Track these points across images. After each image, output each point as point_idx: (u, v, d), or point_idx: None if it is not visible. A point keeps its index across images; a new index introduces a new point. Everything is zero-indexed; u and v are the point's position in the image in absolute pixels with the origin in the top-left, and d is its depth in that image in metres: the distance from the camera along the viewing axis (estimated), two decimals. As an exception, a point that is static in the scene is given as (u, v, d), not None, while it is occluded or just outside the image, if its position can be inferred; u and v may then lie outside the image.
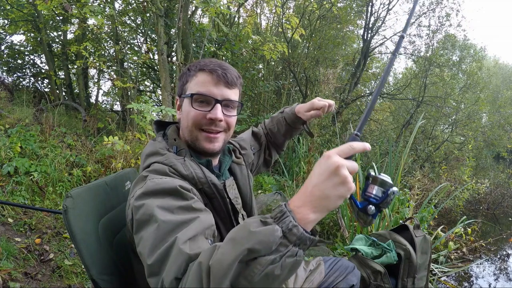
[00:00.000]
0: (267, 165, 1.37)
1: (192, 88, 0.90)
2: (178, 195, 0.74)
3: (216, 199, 0.86)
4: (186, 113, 0.90)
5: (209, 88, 0.88)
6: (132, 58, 6.11)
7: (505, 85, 16.96)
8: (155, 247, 0.65)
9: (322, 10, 6.86)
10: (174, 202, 0.72)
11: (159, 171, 0.81)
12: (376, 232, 1.92)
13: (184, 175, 0.82)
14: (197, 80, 0.89)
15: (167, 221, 0.67)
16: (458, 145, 7.26)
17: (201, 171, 0.85)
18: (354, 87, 7.33)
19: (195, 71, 0.90)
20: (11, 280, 1.91)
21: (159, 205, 0.70)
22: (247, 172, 1.07)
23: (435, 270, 2.66)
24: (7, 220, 2.50)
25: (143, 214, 0.70)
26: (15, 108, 4.61)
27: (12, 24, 6.32)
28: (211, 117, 0.87)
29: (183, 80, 0.94)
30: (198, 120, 0.88)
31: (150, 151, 0.89)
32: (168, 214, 0.69)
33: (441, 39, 7.41)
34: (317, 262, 1.25)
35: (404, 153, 3.11)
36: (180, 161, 0.85)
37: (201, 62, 0.92)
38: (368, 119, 4.63)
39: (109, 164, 3.34)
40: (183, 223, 0.68)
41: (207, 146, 0.90)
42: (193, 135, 0.90)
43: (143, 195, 0.73)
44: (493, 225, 4.50)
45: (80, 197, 0.91)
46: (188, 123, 0.89)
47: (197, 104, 0.88)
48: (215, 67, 0.88)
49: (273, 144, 1.34)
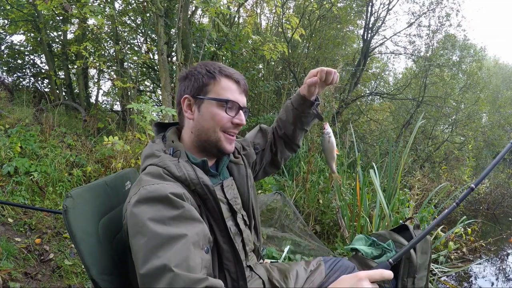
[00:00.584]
0: (276, 166, 1.30)
1: (219, 92, 0.94)
2: (169, 203, 0.77)
3: (208, 199, 0.87)
4: (210, 115, 0.93)
5: (236, 95, 0.95)
6: (132, 58, 6.11)
7: (505, 85, 16.96)
8: (146, 259, 0.70)
9: (322, 10, 6.86)
10: (165, 212, 0.75)
11: (153, 173, 0.84)
12: (376, 232, 1.92)
13: (177, 177, 0.85)
14: (223, 86, 0.94)
15: (157, 235, 0.71)
16: (458, 145, 7.25)
17: (194, 172, 0.87)
18: (354, 87, 7.33)
19: (218, 76, 0.94)
20: (11, 280, 1.91)
21: (150, 217, 0.74)
22: (245, 171, 1.07)
23: (435, 270, 2.66)
24: (7, 220, 2.50)
25: (135, 224, 0.74)
26: (15, 108, 4.61)
27: (12, 24, 6.32)
28: (238, 122, 0.95)
29: (199, 81, 0.94)
30: (224, 123, 0.94)
31: (148, 153, 0.93)
32: (159, 226, 0.73)
33: (441, 39, 7.41)
34: (317, 262, 1.25)
35: (404, 153, 3.11)
36: (174, 163, 0.87)
37: (222, 68, 0.96)
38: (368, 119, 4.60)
39: (109, 164, 3.34)
40: (173, 238, 0.72)
41: (228, 147, 0.96)
42: (216, 136, 0.94)
43: (136, 203, 0.77)
44: (493, 225, 4.50)
45: (80, 197, 0.91)
46: (213, 125, 0.93)
47: (225, 109, 0.93)
48: (239, 77, 0.97)
49: (283, 137, 1.24)
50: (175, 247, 0.70)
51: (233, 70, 0.98)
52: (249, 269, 1.06)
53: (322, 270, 1.21)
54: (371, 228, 2.78)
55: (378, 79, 8.72)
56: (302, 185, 3.56)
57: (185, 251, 0.71)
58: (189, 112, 0.96)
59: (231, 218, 0.99)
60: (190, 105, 0.96)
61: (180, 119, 1.01)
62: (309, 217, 3.16)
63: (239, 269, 0.91)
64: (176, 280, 0.67)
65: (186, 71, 0.99)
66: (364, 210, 2.86)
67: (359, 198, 2.79)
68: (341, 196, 3.06)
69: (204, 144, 0.95)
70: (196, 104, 0.95)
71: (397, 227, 1.85)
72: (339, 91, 6.46)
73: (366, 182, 3.22)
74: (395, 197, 2.94)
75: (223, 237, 0.89)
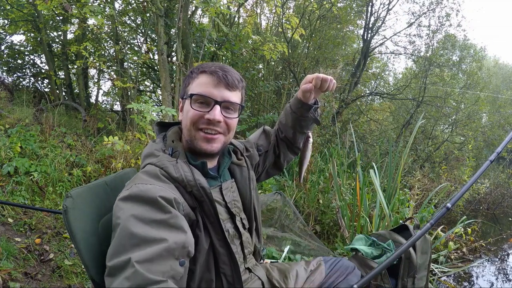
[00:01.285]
0: (278, 168, 1.29)
1: (193, 89, 0.92)
2: (156, 206, 0.75)
3: (205, 202, 0.86)
4: (186, 113, 0.93)
5: (209, 89, 0.90)
6: (132, 58, 6.11)
7: (505, 85, 16.97)
8: (116, 252, 0.70)
9: (322, 10, 6.86)
10: (150, 214, 0.74)
11: (149, 173, 0.84)
12: (376, 232, 1.92)
13: (174, 177, 0.84)
14: (198, 82, 0.92)
15: (134, 234, 0.70)
16: (458, 145, 7.25)
17: (191, 173, 0.86)
18: (354, 87, 7.33)
19: (197, 73, 0.94)
20: (11, 280, 1.91)
21: (134, 214, 0.73)
22: (248, 174, 1.06)
23: (435, 270, 2.66)
24: (7, 220, 2.50)
25: (119, 217, 0.74)
26: (15, 108, 4.61)
27: (12, 24, 6.32)
28: (209, 117, 0.89)
29: (185, 83, 0.97)
30: (196, 119, 0.90)
31: (147, 152, 0.93)
32: (139, 226, 0.71)
33: (441, 39, 7.41)
34: (317, 262, 1.24)
35: (404, 153, 3.10)
36: (172, 163, 0.86)
37: (203, 64, 0.95)
38: (368, 119, 4.61)
39: (109, 164, 3.34)
40: (149, 241, 0.70)
41: (204, 146, 0.91)
42: (191, 135, 0.92)
43: (125, 198, 0.77)
44: (493, 225, 4.50)
45: (80, 197, 0.91)
46: (187, 123, 0.92)
47: (196, 104, 0.91)
48: (216, 69, 0.91)
49: (284, 140, 1.23)
50: (148, 249, 0.69)
51: (217, 64, 0.93)
52: (247, 271, 1.05)
53: (322, 270, 1.20)
54: (371, 228, 2.78)
55: (378, 79, 8.72)
56: (302, 185, 3.56)
57: (155, 255, 0.69)
58: (180, 114, 0.99)
59: (229, 221, 0.98)
60: (182, 107, 0.98)
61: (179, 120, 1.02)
62: (309, 217, 3.16)
63: (235, 273, 0.90)
64: (134, 277, 0.65)
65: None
66: (364, 210, 2.86)
67: (359, 198, 2.79)
68: (341, 196, 3.06)
69: (189, 144, 0.94)
70: (183, 104, 0.97)
71: (397, 227, 1.85)
72: (339, 91, 6.45)
73: (366, 182, 3.22)
74: (395, 197, 2.94)
75: (219, 241, 0.88)
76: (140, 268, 0.65)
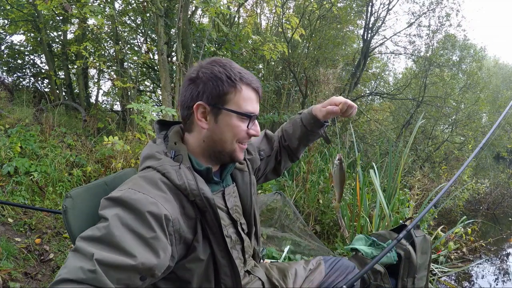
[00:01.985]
0: (277, 173, 1.29)
1: (239, 103, 0.87)
2: (141, 221, 0.72)
3: (208, 212, 0.83)
4: (229, 128, 0.87)
5: (254, 106, 0.90)
6: (132, 58, 6.11)
7: (505, 85, 16.97)
8: (89, 238, 0.69)
9: (322, 10, 6.86)
10: (134, 224, 0.71)
11: (147, 178, 0.79)
12: (376, 232, 1.92)
13: (177, 185, 0.80)
14: (244, 96, 0.87)
15: (111, 234, 0.68)
16: (458, 145, 7.25)
17: (195, 182, 0.82)
18: (354, 87, 7.34)
19: (239, 84, 0.86)
20: (11, 280, 1.91)
21: (119, 215, 0.71)
22: (249, 178, 1.04)
23: (435, 270, 2.66)
24: (7, 220, 2.50)
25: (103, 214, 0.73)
26: (15, 108, 4.61)
27: (12, 24, 6.32)
28: (253, 134, 0.91)
29: (218, 89, 0.85)
30: (242, 135, 0.89)
31: (147, 153, 0.88)
32: (119, 229, 0.69)
33: (441, 39, 7.41)
34: (317, 261, 1.24)
35: (404, 153, 3.10)
36: (175, 168, 0.82)
37: (244, 75, 0.88)
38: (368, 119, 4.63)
39: (109, 164, 3.34)
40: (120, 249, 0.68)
41: (241, 156, 0.93)
42: (233, 148, 0.90)
43: (115, 200, 0.74)
44: (493, 225, 4.50)
45: (80, 197, 0.91)
46: (229, 137, 0.88)
47: (242, 120, 0.88)
48: (256, 84, 0.90)
49: (286, 148, 1.23)
50: (115, 256, 0.66)
51: (251, 75, 0.90)
52: (247, 274, 1.04)
53: (322, 270, 1.20)
54: (371, 228, 2.78)
55: (378, 79, 8.72)
56: (302, 185, 3.56)
57: (118, 264, 0.66)
58: (203, 121, 0.87)
59: (231, 226, 0.96)
60: (205, 114, 0.87)
61: (187, 123, 0.91)
62: (309, 217, 3.16)
63: (237, 284, 0.89)
64: (90, 273, 0.63)
65: (199, 70, 0.87)
66: (364, 210, 2.86)
67: (359, 198, 2.79)
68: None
69: (216, 153, 0.90)
70: (213, 113, 0.86)
71: (397, 227, 1.85)
72: (339, 91, 6.45)
73: (366, 182, 3.22)
74: (395, 197, 2.94)
75: (221, 251, 0.86)
76: (98, 267, 0.64)
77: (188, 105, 0.88)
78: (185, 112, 0.90)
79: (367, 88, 8.84)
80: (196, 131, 0.90)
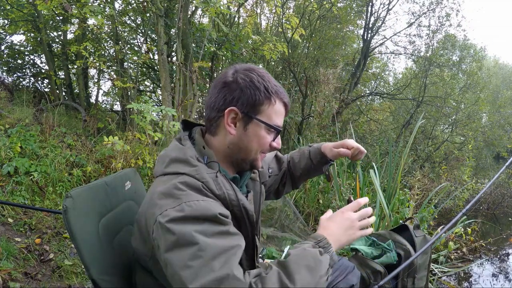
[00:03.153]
0: (278, 195, 1.30)
1: (270, 116, 0.87)
2: (216, 222, 0.73)
3: (244, 222, 0.84)
4: (257, 138, 0.87)
5: (282, 120, 0.92)
6: (132, 58, 6.11)
7: (505, 85, 16.96)
8: (199, 273, 0.66)
9: (322, 10, 6.86)
10: (212, 228, 0.72)
11: (192, 186, 0.77)
12: (376, 232, 1.92)
13: (217, 195, 0.79)
14: (276, 110, 0.88)
15: (211, 246, 0.68)
16: (458, 145, 7.25)
17: (234, 192, 0.82)
18: (354, 87, 7.34)
19: (274, 98, 0.87)
20: (11, 280, 1.91)
21: (197, 230, 0.70)
22: (260, 188, 1.05)
23: (435, 270, 2.66)
24: (7, 220, 2.49)
25: (180, 237, 0.69)
26: (15, 108, 4.60)
27: (12, 24, 6.31)
28: (276, 147, 0.92)
29: (254, 98, 0.84)
30: (266, 146, 0.90)
31: (178, 157, 0.84)
32: (208, 239, 0.69)
33: (441, 39, 7.41)
34: (317, 262, 1.24)
35: (404, 153, 3.11)
36: (212, 177, 0.81)
37: (280, 89, 0.89)
38: (368, 119, 4.64)
39: (109, 164, 3.34)
40: (226, 249, 0.70)
41: (260, 165, 0.94)
42: (254, 157, 0.90)
43: (179, 220, 0.71)
44: (493, 225, 4.50)
45: (80, 197, 0.91)
46: (254, 147, 0.88)
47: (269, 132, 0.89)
48: (288, 99, 0.92)
49: (291, 175, 1.25)
50: (233, 258, 0.69)
51: (284, 90, 0.91)
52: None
53: (322, 270, 1.20)
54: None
55: (378, 79, 8.72)
56: (302, 185, 3.56)
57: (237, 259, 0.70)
58: (232, 127, 0.86)
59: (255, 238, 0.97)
60: (235, 120, 0.86)
61: (212, 125, 0.89)
62: (309, 217, 3.16)
63: None
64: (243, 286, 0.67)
65: (236, 75, 0.86)
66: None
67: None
68: (341, 196, 3.06)
69: (238, 160, 0.90)
70: (243, 121, 0.86)
71: (397, 227, 1.85)
72: (339, 91, 6.45)
73: (366, 182, 3.23)
74: (395, 197, 2.94)
75: (247, 261, 0.87)
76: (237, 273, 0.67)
77: (219, 108, 0.86)
78: (213, 114, 0.87)
79: (367, 88, 8.84)
80: (221, 135, 0.88)
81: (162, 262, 0.73)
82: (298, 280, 0.69)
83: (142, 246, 0.82)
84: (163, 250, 0.71)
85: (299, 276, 0.70)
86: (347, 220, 0.86)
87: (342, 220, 0.86)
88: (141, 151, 3.19)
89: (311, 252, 0.76)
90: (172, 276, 0.70)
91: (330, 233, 0.83)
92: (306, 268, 0.72)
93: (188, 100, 4.20)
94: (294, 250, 0.78)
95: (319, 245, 0.78)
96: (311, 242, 0.80)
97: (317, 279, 0.72)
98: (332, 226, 0.85)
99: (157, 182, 0.83)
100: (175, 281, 0.69)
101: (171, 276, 0.70)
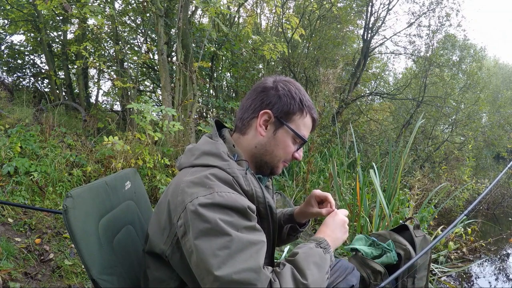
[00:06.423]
0: None
1: (300, 127, 0.93)
2: (245, 215, 0.77)
3: (267, 220, 0.88)
4: (283, 144, 0.92)
5: (308, 134, 0.97)
6: (132, 58, 6.11)
7: (505, 85, 16.97)
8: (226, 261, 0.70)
9: (322, 10, 6.86)
10: (241, 221, 0.75)
11: (224, 180, 0.80)
12: (376, 232, 1.92)
13: (245, 190, 0.83)
14: (306, 123, 0.94)
15: (240, 238, 0.72)
16: (458, 145, 7.25)
17: (261, 190, 0.86)
18: (354, 87, 7.33)
19: (307, 111, 0.94)
20: (11, 280, 1.91)
21: (227, 221, 0.73)
22: (272, 195, 1.08)
23: (435, 270, 2.66)
24: (7, 220, 2.49)
25: (211, 225, 0.72)
26: (15, 108, 4.60)
27: (12, 24, 6.32)
28: (297, 157, 0.96)
29: (289, 106, 0.90)
30: (289, 156, 0.94)
31: (210, 150, 0.87)
32: (238, 232, 0.73)
33: (441, 39, 7.41)
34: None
35: (404, 153, 3.11)
36: (242, 173, 0.84)
37: (311, 105, 0.95)
38: (368, 119, 4.64)
39: (109, 164, 3.34)
40: (254, 243, 0.74)
41: (279, 173, 1.00)
42: (278, 164, 0.95)
43: (210, 206, 0.74)
44: (493, 225, 4.50)
45: (80, 197, 0.91)
46: (279, 153, 0.93)
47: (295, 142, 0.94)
48: (317, 116, 0.98)
49: None
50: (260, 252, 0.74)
51: (314, 107, 0.98)
52: None
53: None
54: (371, 228, 2.78)
55: (378, 79, 8.72)
56: (302, 185, 3.56)
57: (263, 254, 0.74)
58: (263, 128, 0.91)
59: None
60: (267, 123, 0.91)
61: (244, 125, 0.94)
62: (309, 217, 3.15)
63: None
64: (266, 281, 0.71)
65: (276, 83, 0.92)
66: (364, 210, 2.86)
67: (359, 198, 2.79)
68: (341, 196, 3.06)
69: (262, 163, 0.93)
70: (274, 125, 0.91)
71: (397, 227, 1.85)
72: (339, 91, 6.46)
73: (366, 182, 3.23)
74: (395, 197, 2.94)
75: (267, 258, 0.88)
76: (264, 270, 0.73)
77: (255, 109, 0.92)
78: (248, 114, 0.93)
79: (367, 88, 8.83)
80: (250, 135, 0.93)
81: (187, 249, 0.75)
82: (309, 275, 0.76)
83: (160, 234, 0.83)
84: (192, 236, 0.73)
85: (310, 272, 0.77)
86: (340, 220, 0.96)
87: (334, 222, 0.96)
88: (141, 151, 3.19)
89: (317, 251, 0.83)
90: (198, 264, 0.72)
91: (327, 235, 0.91)
92: (314, 265, 0.79)
93: (188, 100, 4.20)
94: (301, 249, 0.83)
95: (320, 246, 0.85)
96: (313, 243, 0.86)
97: (323, 275, 0.80)
98: (327, 230, 0.94)
99: (184, 173, 0.85)
100: (200, 269, 0.72)
101: (196, 263, 0.73)
